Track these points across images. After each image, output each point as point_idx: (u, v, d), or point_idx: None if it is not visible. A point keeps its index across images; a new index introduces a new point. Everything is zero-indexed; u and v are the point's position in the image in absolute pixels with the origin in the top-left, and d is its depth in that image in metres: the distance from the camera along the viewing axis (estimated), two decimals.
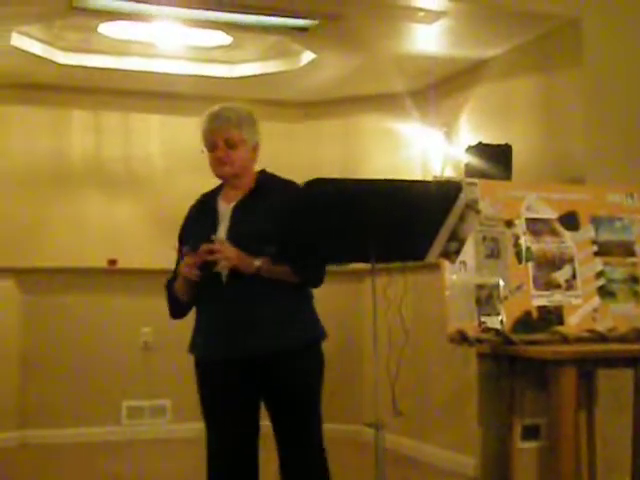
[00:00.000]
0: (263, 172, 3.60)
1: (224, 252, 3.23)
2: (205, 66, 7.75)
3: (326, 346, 3.48)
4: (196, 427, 7.10)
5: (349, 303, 7.25)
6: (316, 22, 6.32)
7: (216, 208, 3.51)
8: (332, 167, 7.92)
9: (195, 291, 3.44)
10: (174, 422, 7.33)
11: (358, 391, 7.08)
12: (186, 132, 8.33)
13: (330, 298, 7.30)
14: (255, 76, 7.78)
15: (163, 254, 7.83)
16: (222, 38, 7.12)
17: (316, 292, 3.47)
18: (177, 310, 3.62)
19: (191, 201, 3.70)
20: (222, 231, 3.39)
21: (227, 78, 7.83)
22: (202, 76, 7.78)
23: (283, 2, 6.04)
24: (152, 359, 7.23)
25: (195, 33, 6.96)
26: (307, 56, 7.26)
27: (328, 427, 7.13)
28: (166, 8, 6.07)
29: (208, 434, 3.54)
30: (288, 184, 3.50)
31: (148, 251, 7.80)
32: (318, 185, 3.05)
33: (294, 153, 8.42)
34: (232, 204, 3.46)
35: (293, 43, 7.06)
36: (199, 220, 3.55)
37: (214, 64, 7.76)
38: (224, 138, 3.42)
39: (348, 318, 7.19)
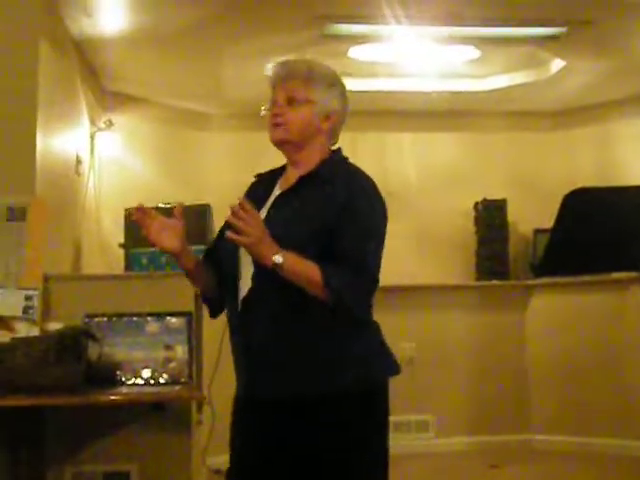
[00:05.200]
0: (337, 152, 2.79)
1: (247, 224, 2.37)
2: (454, 81, 7.78)
3: (584, 360, 3.13)
4: (460, 441, 7.23)
5: (609, 314, 7.04)
6: (566, 29, 6.22)
7: (269, 194, 2.72)
8: (588, 176, 7.74)
9: (201, 281, 2.73)
10: (438, 437, 7.36)
11: (625, 404, 6.86)
12: (439, 148, 8.40)
13: (589, 309, 7.18)
14: (505, 88, 7.73)
15: (424, 270, 7.99)
16: (470, 52, 7.13)
17: (574, 302, 3.21)
18: (206, 306, 2.84)
19: (448, 217, 3.46)
20: None
21: (477, 92, 7.82)
22: (452, 92, 7.82)
23: (531, 12, 5.99)
24: (415, 375, 7.29)
25: (443, 49, 7.01)
26: (557, 64, 7.14)
27: (607, 442, 6.88)
28: (413, 27, 6.15)
29: None
30: (355, 172, 2.71)
31: (408, 267, 7.91)
32: (582, 195, 2.95)
33: (547, 163, 8.31)
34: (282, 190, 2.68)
35: (542, 52, 6.98)
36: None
37: (463, 79, 7.77)
38: (286, 93, 2.65)
39: (608, 329, 6.99)
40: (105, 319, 4.40)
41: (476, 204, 7.97)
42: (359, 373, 2.60)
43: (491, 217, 7.89)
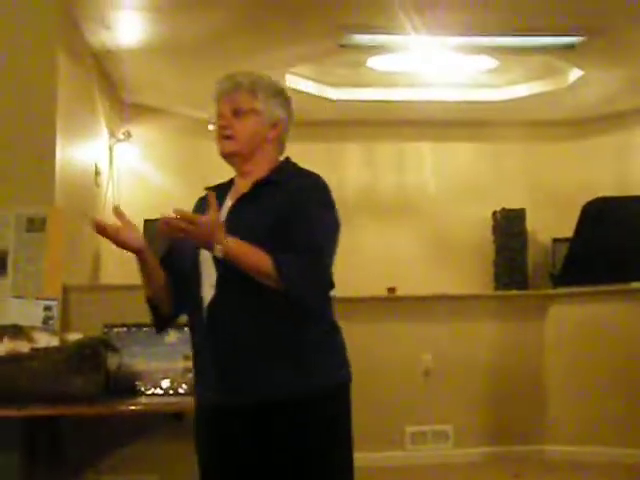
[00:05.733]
0: (286, 161, 2.77)
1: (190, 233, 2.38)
2: (472, 91, 7.78)
3: (602, 370, 3.10)
4: (478, 452, 7.19)
5: (629, 324, 6.99)
6: (583, 38, 6.22)
7: (221, 205, 2.66)
8: (607, 185, 7.72)
9: (155, 287, 2.73)
10: (456, 447, 7.33)
11: None
12: (457, 157, 8.40)
13: (608, 319, 7.14)
14: (522, 98, 7.73)
15: (441, 280, 7.98)
16: (488, 62, 7.13)
17: (593, 312, 3.22)
18: (152, 317, 2.83)
19: (466, 227, 3.43)
20: None
21: (494, 102, 7.82)
22: (470, 101, 7.82)
23: (548, 22, 5.98)
24: (433, 385, 7.27)
25: (461, 59, 7.01)
26: (575, 73, 7.14)
27: (625, 452, 6.80)
28: (432, 37, 6.16)
29: None
30: (306, 172, 2.69)
31: (426, 278, 7.92)
32: (601, 204, 2.93)
33: (565, 173, 8.29)
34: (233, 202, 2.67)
35: (559, 61, 6.97)
36: None
37: (481, 89, 7.78)
38: (231, 105, 2.65)
39: (628, 340, 6.94)
40: (124, 329, 4.40)
41: (494, 213, 7.96)
42: (337, 373, 2.64)
43: (509, 226, 7.87)
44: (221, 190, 2.75)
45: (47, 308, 4.43)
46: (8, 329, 4.18)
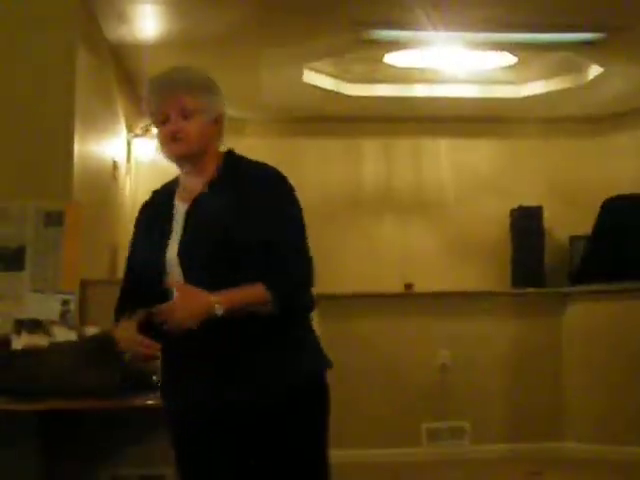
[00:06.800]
0: (230, 153, 2.75)
1: (172, 318, 2.42)
2: (491, 88, 7.75)
3: (619, 368, 3.04)
4: (495, 448, 7.18)
5: None
6: (602, 35, 6.19)
7: (171, 210, 2.68)
8: (626, 183, 7.67)
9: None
10: (473, 443, 7.32)
11: None
12: (475, 154, 8.38)
13: (626, 317, 7.11)
14: (541, 94, 7.70)
15: (459, 277, 7.97)
16: (507, 58, 7.11)
17: (611, 310, 3.16)
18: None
19: (483, 224, 3.33)
20: (173, 247, 2.58)
21: (513, 98, 7.79)
22: (488, 98, 7.79)
23: (568, 18, 5.96)
24: (450, 381, 7.26)
25: (479, 55, 6.99)
26: (594, 70, 7.10)
27: None
28: (450, 33, 6.14)
29: None
30: (262, 166, 2.70)
31: (443, 274, 7.91)
32: (620, 202, 2.90)
33: (584, 170, 8.25)
34: (189, 202, 2.65)
35: (579, 58, 6.94)
36: (151, 230, 2.69)
37: (500, 85, 7.75)
38: (178, 107, 2.61)
39: None
40: None
41: (512, 211, 7.93)
42: (315, 363, 2.66)
43: (527, 224, 7.85)
44: (168, 190, 2.77)
45: (65, 302, 4.44)
46: (26, 323, 4.20)
